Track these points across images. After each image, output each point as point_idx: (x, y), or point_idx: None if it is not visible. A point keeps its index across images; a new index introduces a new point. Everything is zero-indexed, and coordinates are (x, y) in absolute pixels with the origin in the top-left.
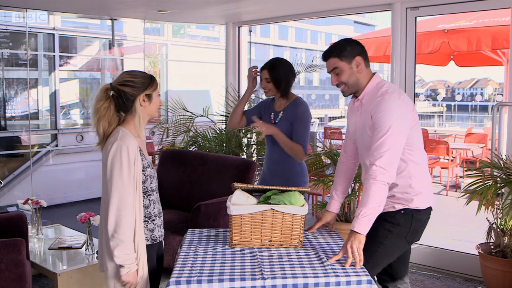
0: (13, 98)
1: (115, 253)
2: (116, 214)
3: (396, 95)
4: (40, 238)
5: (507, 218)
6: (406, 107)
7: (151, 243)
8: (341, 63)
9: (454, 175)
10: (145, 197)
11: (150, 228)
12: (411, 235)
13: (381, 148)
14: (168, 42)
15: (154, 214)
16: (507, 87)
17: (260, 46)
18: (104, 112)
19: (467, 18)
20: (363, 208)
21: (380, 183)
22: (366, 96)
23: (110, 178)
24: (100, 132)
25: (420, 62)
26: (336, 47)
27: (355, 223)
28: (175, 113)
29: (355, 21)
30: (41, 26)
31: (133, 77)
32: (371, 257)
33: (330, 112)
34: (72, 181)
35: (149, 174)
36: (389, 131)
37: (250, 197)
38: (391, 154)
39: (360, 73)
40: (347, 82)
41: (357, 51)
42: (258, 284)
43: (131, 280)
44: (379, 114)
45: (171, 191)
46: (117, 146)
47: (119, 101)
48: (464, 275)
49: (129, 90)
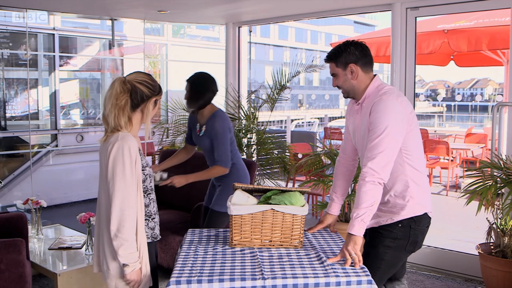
0: (13, 98)
1: (119, 252)
2: (119, 214)
3: (394, 97)
4: (40, 238)
5: (507, 218)
6: (404, 109)
7: (152, 240)
8: (337, 69)
9: (454, 175)
10: (146, 196)
11: (151, 226)
12: (411, 246)
13: (374, 150)
14: (168, 42)
15: (154, 212)
16: (507, 87)
17: (260, 46)
18: (121, 104)
19: (467, 18)
20: (355, 210)
21: (369, 183)
22: (367, 100)
23: (113, 178)
24: (113, 124)
25: (420, 62)
26: (333, 52)
27: (350, 225)
28: (175, 113)
29: (355, 21)
30: (41, 26)
31: (151, 80)
32: (375, 274)
33: (330, 112)
34: (72, 181)
35: (148, 173)
36: (385, 132)
37: (251, 197)
38: (384, 156)
39: (355, 80)
40: (342, 87)
41: (353, 58)
42: (258, 284)
43: (135, 278)
44: (376, 114)
45: (171, 191)
46: (119, 146)
47: (132, 97)
48: (464, 275)
49: (146, 90)
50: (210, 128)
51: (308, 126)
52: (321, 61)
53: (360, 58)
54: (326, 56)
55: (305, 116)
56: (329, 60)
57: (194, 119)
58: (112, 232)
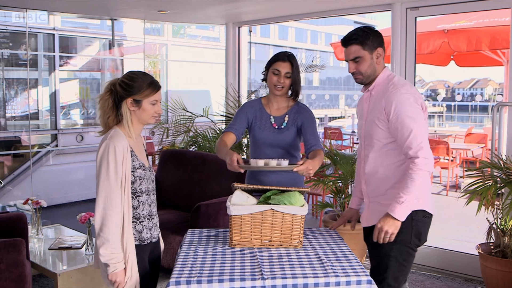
0: (13, 98)
1: (100, 251)
2: (102, 213)
3: (408, 87)
4: (40, 238)
5: (507, 218)
6: (416, 98)
7: (139, 243)
8: (363, 52)
9: (454, 175)
10: (134, 198)
11: (138, 230)
12: (416, 238)
13: (416, 140)
14: (168, 42)
15: (143, 216)
16: (507, 87)
17: (260, 46)
18: (102, 104)
19: (467, 18)
20: (406, 196)
21: (427, 173)
22: (377, 88)
23: (98, 177)
24: (101, 122)
25: (420, 62)
26: (359, 34)
27: (395, 209)
28: (175, 113)
29: (355, 21)
30: (41, 26)
31: (130, 79)
32: (387, 273)
33: (330, 112)
34: (72, 181)
35: (138, 176)
36: (415, 124)
37: (250, 197)
38: (426, 143)
39: (378, 65)
40: (364, 73)
41: (379, 42)
42: (258, 284)
43: (117, 279)
44: (397, 107)
45: (171, 191)
46: (106, 145)
47: (114, 98)
48: (464, 275)
49: (120, 90)
50: (298, 117)
51: None
52: (321, 61)
53: (383, 43)
54: (347, 38)
55: None
56: (353, 41)
57: (260, 110)
58: (96, 231)
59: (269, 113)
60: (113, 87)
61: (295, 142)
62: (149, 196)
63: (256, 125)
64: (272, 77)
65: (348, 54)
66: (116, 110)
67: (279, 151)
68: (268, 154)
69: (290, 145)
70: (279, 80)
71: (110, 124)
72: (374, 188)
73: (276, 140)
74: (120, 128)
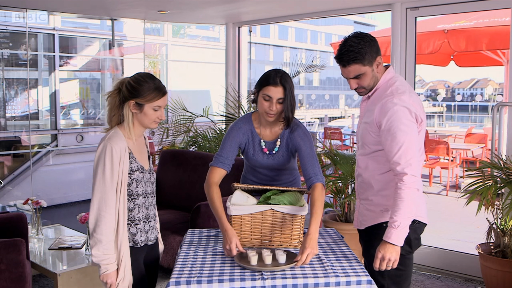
0: (13, 98)
1: (92, 252)
2: (96, 214)
3: (406, 96)
4: (40, 238)
5: (507, 218)
6: (412, 109)
7: (133, 245)
8: (364, 68)
9: (454, 175)
10: (130, 200)
11: (133, 232)
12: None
13: (406, 156)
14: (168, 42)
15: (138, 219)
16: (507, 87)
17: (260, 46)
18: (110, 101)
19: (467, 18)
20: (399, 218)
21: (417, 191)
22: (376, 92)
23: (94, 177)
24: (106, 117)
25: (420, 62)
26: (355, 52)
27: (392, 235)
28: (175, 113)
29: (355, 21)
30: (41, 26)
31: (136, 82)
32: (384, 278)
33: (330, 112)
34: (72, 181)
35: (135, 178)
36: (407, 138)
37: (250, 197)
38: (416, 160)
39: (379, 73)
40: (367, 86)
41: (376, 50)
42: (258, 284)
43: (108, 280)
44: (391, 119)
45: (171, 191)
46: (103, 146)
47: (121, 97)
48: (464, 275)
49: (125, 90)
50: (290, 141)
51: (308, 126)
52: (321, 61)
53: (379, 47)
54: (343, 57)
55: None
56: (353, 62)
57: (252, 133)
58: (90, 231)
59: (260, 137)
60: (121, 86)
61: (290, 164)
62: (147, 199)
63: (250, 150)
64: (262, 103)
65: (348, 73)
66: (120, 109)
67: (275, 171)
68: (264, 173)
69: (285, 166)
70: (270, 107)
71: (113, 122)
72: (361, 190)
73: (269, 164)
74: (120, 129)
